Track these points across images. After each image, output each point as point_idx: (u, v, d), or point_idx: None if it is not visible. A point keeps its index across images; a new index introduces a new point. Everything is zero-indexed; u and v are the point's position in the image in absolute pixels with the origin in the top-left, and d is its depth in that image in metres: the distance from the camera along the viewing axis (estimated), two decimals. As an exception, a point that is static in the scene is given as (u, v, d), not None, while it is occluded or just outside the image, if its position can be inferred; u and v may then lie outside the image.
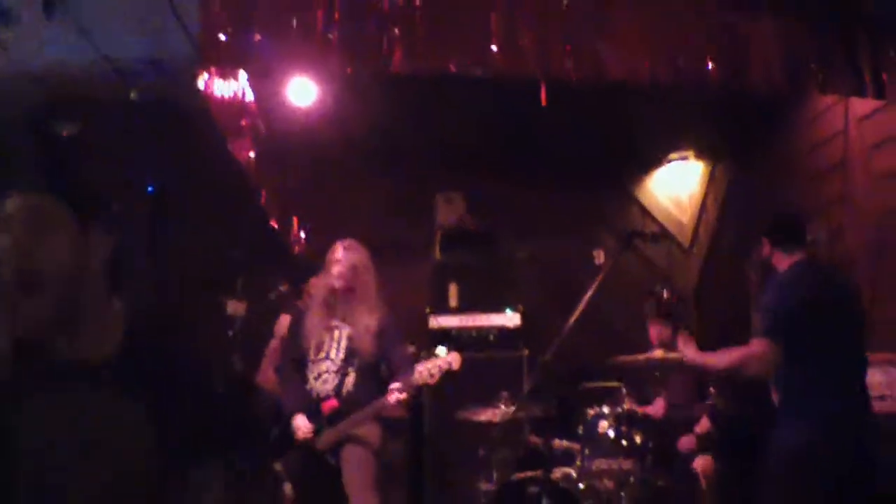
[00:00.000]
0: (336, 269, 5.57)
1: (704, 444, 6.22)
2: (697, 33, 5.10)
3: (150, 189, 8.35)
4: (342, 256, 5.60)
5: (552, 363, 4.38)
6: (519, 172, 8.91)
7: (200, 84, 5.59)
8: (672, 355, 5.73)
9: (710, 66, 4.80)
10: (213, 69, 5.65)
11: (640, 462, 5.66)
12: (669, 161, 9.48)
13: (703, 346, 4.91)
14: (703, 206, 9.35)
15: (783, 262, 4.60)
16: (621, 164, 9.29)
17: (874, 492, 4.28)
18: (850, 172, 6.81)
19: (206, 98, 5.76)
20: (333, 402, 5.42)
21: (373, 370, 5.56)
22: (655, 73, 4.90)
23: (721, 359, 4.59)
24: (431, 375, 5.26)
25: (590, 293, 4.34)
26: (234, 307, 7.98)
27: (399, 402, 5.34)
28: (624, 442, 5.70)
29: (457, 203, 8.63)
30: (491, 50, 4.75)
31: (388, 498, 5.61)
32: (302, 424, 5.39)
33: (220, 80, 5.87)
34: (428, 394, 7.25)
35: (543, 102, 4.79)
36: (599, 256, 5.28)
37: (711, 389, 6.30)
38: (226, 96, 6.03)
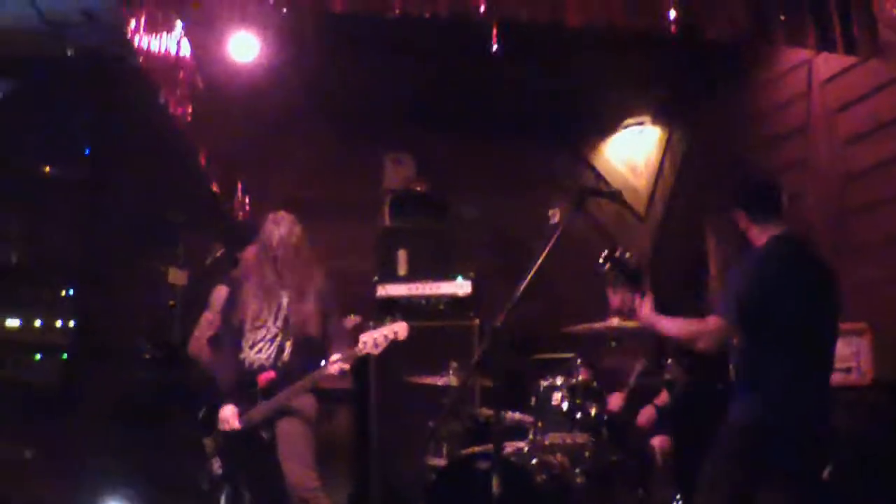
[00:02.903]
0: (268, 243, 5.45)
1: (663, 417, 6.01)
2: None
3: (86, 151, 8.02)
4: (271, 231, 5.47)
5: (503, 331, 4.08)
6: (470, 133, 8.66)
7: (131, 35, 5.27)
8: (629, 323, 5.49)
9: (673, 13, 4.50)
10: (144, 20, 5.32)
11: (595, 436, 5.44)
12: (626, 126, 9.25)
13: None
14: (659, 173, 9.10)
15: (760, 237, 4.36)
16: (577, 128, 9.07)
17: (820, 472, 4.19)
18: (811, 136, 6.65)
19: (137, 50, 5.44)
20: (270, 374, 5.26)
21: (311, 340, 5.39)
22: (613, 20, 4.60)
23: (674, 326, 4.42)
24: (376, 345, 5.13)
25: (544, 254, 4.04)
26: (175, 276, 7.70)
27: (341, 372, 5.15)
28: (578, 415, 5.48)
29: (406, 164, 8.33)
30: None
31: (331, 473, 5.41)
32: (228, 416, 5.21)
33: (152, 32, 5.54)
34: (376, 365, 6.99)
35: (494, 43, 4.48)
36: (555, 215, 4.99)
37: (669, 361, 6.05)
38: (159, 48, 5.69)
